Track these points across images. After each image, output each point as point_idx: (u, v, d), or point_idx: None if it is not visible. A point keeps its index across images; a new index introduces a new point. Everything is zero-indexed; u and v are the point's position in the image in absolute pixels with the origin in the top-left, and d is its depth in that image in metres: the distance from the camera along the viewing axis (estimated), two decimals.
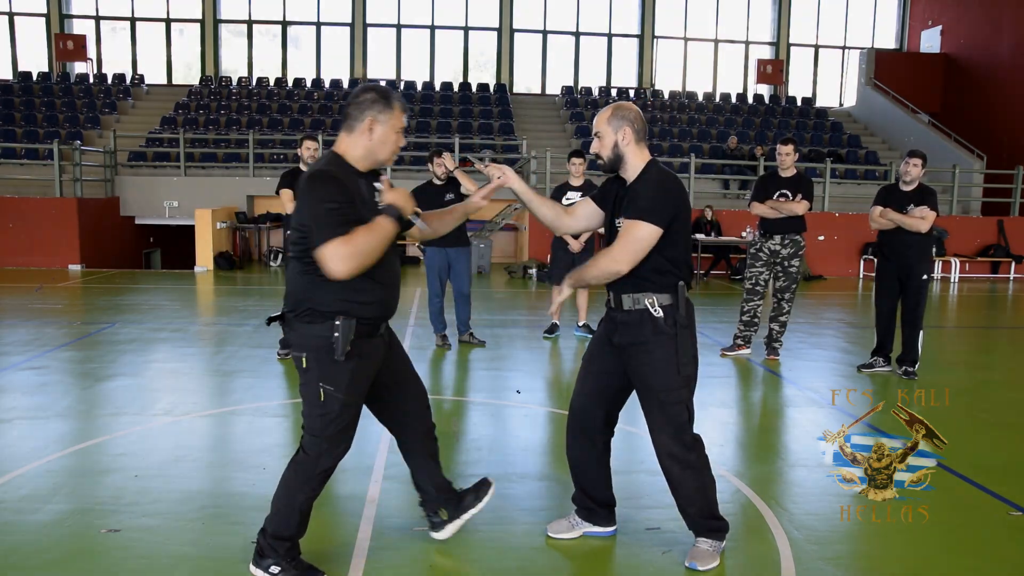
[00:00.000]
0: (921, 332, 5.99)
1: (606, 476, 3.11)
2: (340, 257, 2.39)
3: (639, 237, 2.73)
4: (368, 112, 2.55)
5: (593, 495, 3.11)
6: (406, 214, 2.58)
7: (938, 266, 13.91)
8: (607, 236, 2.96)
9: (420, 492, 3.06)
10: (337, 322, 2.51)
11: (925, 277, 5.90)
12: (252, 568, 2.76)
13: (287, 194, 6.19)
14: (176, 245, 15.75)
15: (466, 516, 3.04)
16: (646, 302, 2.80)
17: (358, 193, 2.52)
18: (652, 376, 2.81)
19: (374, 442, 4.24)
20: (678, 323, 2.79)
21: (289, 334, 2.66)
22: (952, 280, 13.68)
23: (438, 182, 6.53)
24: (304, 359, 2.59)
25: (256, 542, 2.77)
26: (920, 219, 5.78)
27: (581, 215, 3.08)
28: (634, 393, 2.97)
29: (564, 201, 7.18)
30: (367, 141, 2.57)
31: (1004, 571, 2.97)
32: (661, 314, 2.79)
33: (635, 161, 2.85)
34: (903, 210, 5.86)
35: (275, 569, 2.72)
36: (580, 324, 7.49)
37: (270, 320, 2.75)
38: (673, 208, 2.75)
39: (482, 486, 3.09)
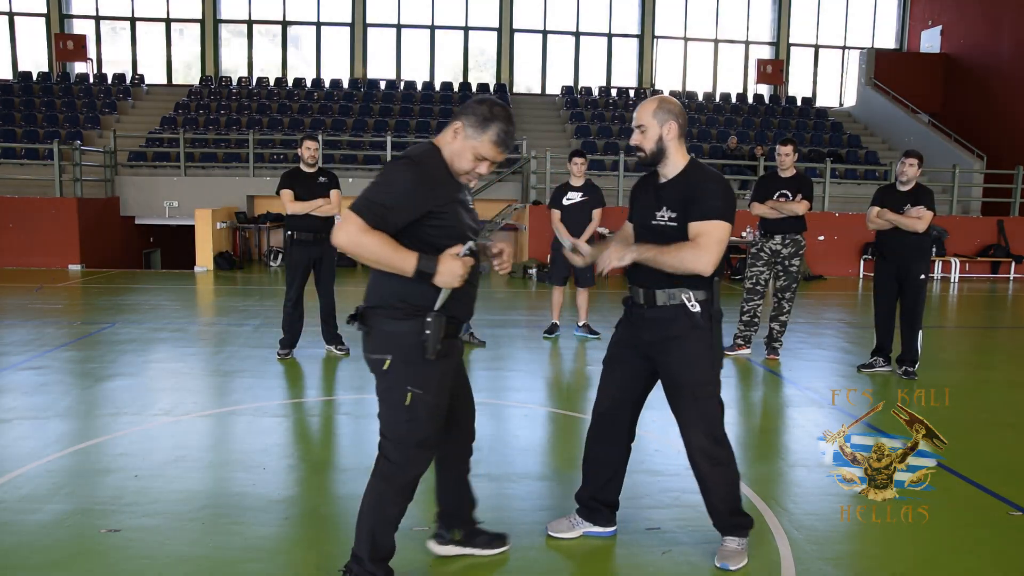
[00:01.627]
0: (920, 332, 5.99)
1: (621, 480, 3.11)
2: (350, 235, 2.31)
3: (722, 238, 2.72)
4: (463, 119, 2.46)
5: (602, 497, 3.10)
6: (431, 279, 2.39)
7: (938, 266, 13.91)
8: (643, 233, 2.90)
9: (441, 506, 2.93)
10: (429, 319, 2.39)
11: (923, 277, 5.90)
12: None
13: (287, 194, 6.20)
14: (176, 245, 15.75)
15: (471, 551, 2.95)
16: (682, 297, 2.78)
17: (444, 184, 2.43)
18: (686, 371, 2.79)
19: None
20: (713, 318, 2.79)
21: (370, 332, 2.48)
22: (952, 280, 13.68)
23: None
24: (387, 361, 2.43)
25: (346, 573, 2.59)
26: (917, 219, 5.79)
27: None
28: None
29: (565, 201, 7.18)
30: (449, 143, 2.47)
31: (1004, 571, 2.97)
32: (698, 309, 2.77)
33: (677, 157, 2.82)
34: (900, 210, 5.86)
35: None
36: (580, 324, 7.49)
37: (350, 319, 2.53)
38: (733, 201, 2.77)
39: (498, 539, 3.00)
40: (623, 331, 3.01)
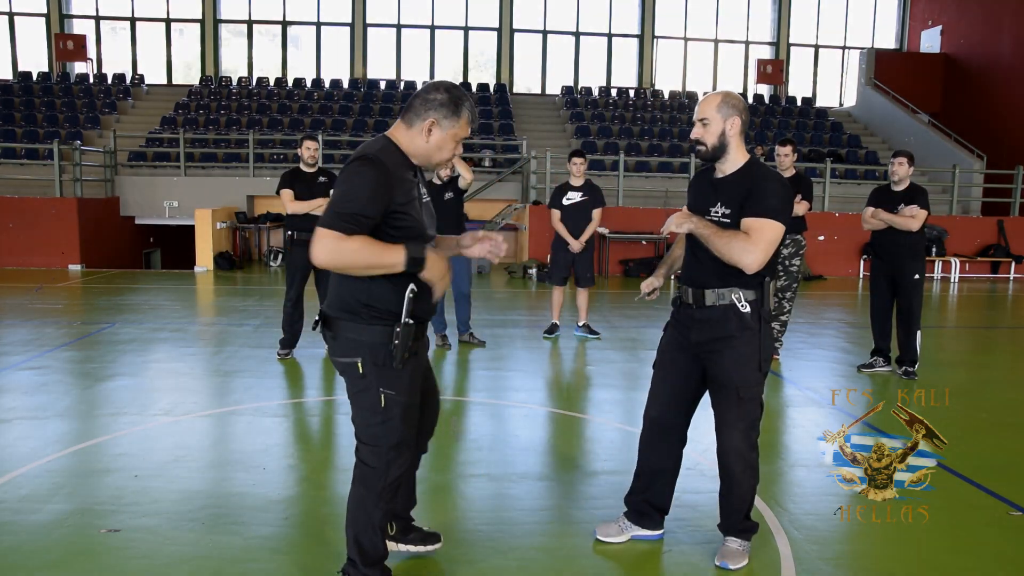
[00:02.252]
0: (919, 332, 5.98)
1: (674, 484, 3.10)
2: (329, 250, 2.25)
3: (775, 239, 2.70)
4: (432, 113, 2.38)
5: (655, 501, 3.08)
6: (421, 273, 2.37)
7: (938, 266, 13.91)
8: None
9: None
10: (398, 328, 2.36)
11: (917, 277, 5.89)
12: None
13: (287, 194, 6.20)
14: (176, 245, 15.75)
15: (405, 548, 2.89)
16: (732, 297, 2.76)
17: (402, 182, 2.36)
18: (734, 371, 2.77)
19: None
20: (763, 318, 2.77)
21: (336, 337, 2.45)
22: (952, 280, 13.68)
23: (438, 181, 6.52)
24: (360, 364, 2.40)
25: (344, 575, 2.59)
26: (910, 217, 5.80)
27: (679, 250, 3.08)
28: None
29: (565, 201, 7.18)
30: (423, 143, 2.41)
31: (1004, 571, 2.97)
32: (748, 309, 2.75)
33: (737, 154, 2.80)
34: (894, 210, 5.88)
35: None
36: (580, 324, 7.49)
37: (315, 325, 2.53)
38: (791, 210, 2.76)
39: (431, 537, 2.95)
40: (672, 333, 2.97)
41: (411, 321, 2.39)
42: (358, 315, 2.40)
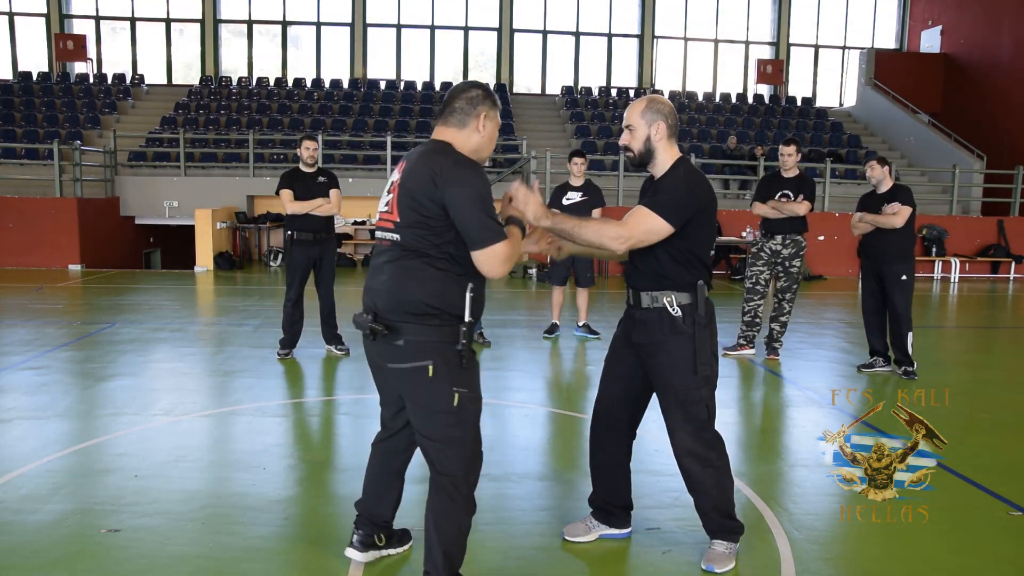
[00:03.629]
0: (910, 333, 5.97)
1: (627, 479, 3.10)
2: (502, 260, 2.32)
3: (647, 227, 2.69)
4: (481, 107, 2.45)
5: (613, 499, 3.09)
6: (525, 224, 2.56)
7: (938, 266, 13.91)
8: None
9: (366, 508, 2.85)
10: (463, 328, 2.39)
11: (904, 278, 5.90)
12: None
13: (287, 194, 6.20)
14: (176, 245, 15.75)
15: (388, 552, 2.90)
16: (664, 300, 2.78)
17: None
18: (671, 375, 2.79)
19: None
20: (696, 322, 2.77)
21: (401, 343, 2.38)
22: (952, 280, 13.68)
23: None
24: (431, 367, 2.36)
25: None
26: (892, 215, 5.84)
27: None
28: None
29: (565, 201, 7.18)
30: (478, 137, 2.47)
31: (1004, 571, 2.97)
32: (679, 313, 2.77)
33: (664, 157, 2.81)
34: (879, 212, 5.93)
35: None
36: (580, 324, 7.49)
37: (371, 331, 2.38)
38: (694, 209, 2.71)
39: (405, 535, 2.97)
40: (621, 330, 3.01)
41: (472, 320, 2.42)
42: (426, 317, 2.37)
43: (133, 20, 20.26)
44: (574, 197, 7.17)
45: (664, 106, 2.79)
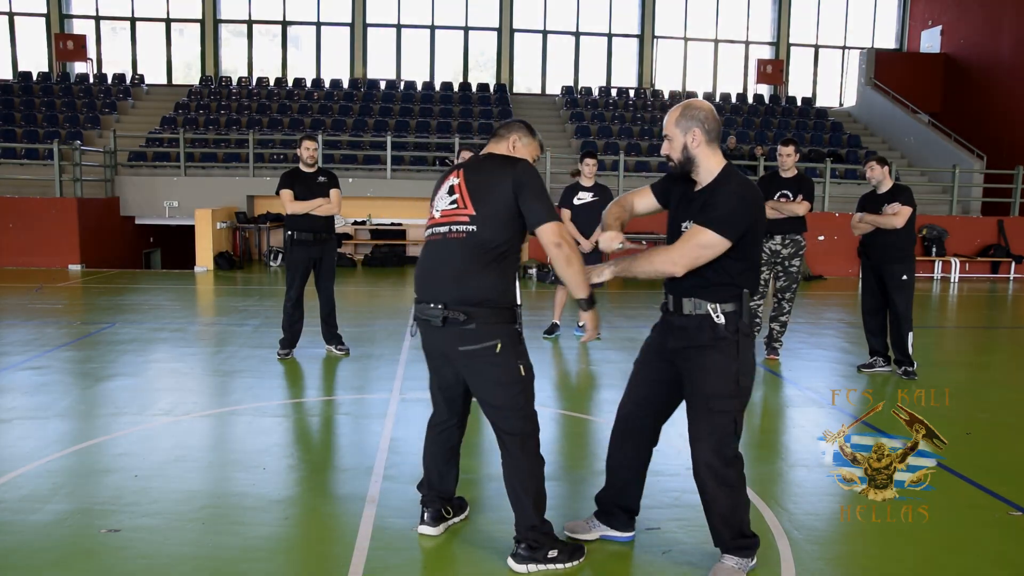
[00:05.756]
0: (910, 334, 5.97)
1: (640, 486, 3.08)
2: (561, 236, 2.74)
3: (705, 244, 2.62)
4: (515, 133, 3.05)
5: (620, 499, 3.08)
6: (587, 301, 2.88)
7: (938, 266, 13.92)
8: (670, 237, 2.85)
9: (432, 486, 3.14)
10: (518, 310, 2.85)
11: (905, 278, 5.90)
12: (527, 567, 2.84)
13: (287, 194, 6.20)
14: (176, 245, 15.75)
15: (455, 520, 3.23)
16: (708, 307, 2.71)
17: None
18: (705, 381, 2.71)
19: (374, 443, 4.24)
20: (740, 330, 2.71)
21: (474, 327, 2.76)
22: (952, 280, 13.68)
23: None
24: (498, 345, 2.77)
25: (522, 542, 2.85)
26: (892, 215, 5.84)
27: (641, 207, 3.06)
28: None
29: (576, 201, 7.18)
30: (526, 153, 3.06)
31: (1004, 571, 2.97)
32: (723, 320, 2.70)
33: (708, 164, 2.72)
34: (879, 212, 5.93)
35: (553, 553, 2.86)
36: (580, 324, 7.49)
37: (445, 320, 2.78)
38: (749, 221, 2.64)
39: (463, 503, 3.33)
40: (654, 336, 2.95)
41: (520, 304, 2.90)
42: (495, 305, 2.78)
43: (133, 20, 20.26)
44: (585, 197, 7.17)
45: (699, 111, 2.71)
